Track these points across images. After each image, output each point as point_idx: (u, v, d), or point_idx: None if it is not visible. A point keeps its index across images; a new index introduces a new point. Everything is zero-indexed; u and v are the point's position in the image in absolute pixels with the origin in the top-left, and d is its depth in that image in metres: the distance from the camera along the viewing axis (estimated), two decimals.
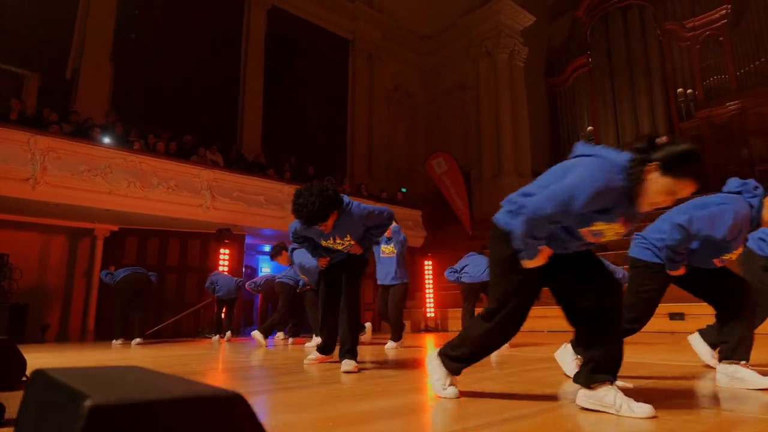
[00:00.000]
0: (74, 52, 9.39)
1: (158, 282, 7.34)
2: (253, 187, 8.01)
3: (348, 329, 2.94)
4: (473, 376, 2.38)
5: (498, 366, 2.91)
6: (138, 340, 5.96)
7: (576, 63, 14.36)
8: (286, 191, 8.37)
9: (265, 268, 11.69)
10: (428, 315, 8.89)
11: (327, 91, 13.25)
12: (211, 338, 6.78)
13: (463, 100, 14.91)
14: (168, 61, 10.09)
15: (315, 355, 3.28)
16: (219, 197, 7.55)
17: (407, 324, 8.72)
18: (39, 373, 0.65)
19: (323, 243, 3.02)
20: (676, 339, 5.51)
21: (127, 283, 5.93)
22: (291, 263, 5.14)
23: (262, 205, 8.00)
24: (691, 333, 2.95)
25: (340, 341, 2.99)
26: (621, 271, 4.10)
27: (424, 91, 15.75)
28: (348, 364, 2.75)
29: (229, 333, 6.47)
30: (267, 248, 11.25)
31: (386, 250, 4.95)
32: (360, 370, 2.78)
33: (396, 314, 4.95)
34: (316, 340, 5.97)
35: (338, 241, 2.94)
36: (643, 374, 2.47)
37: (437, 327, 8.87)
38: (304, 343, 5.50)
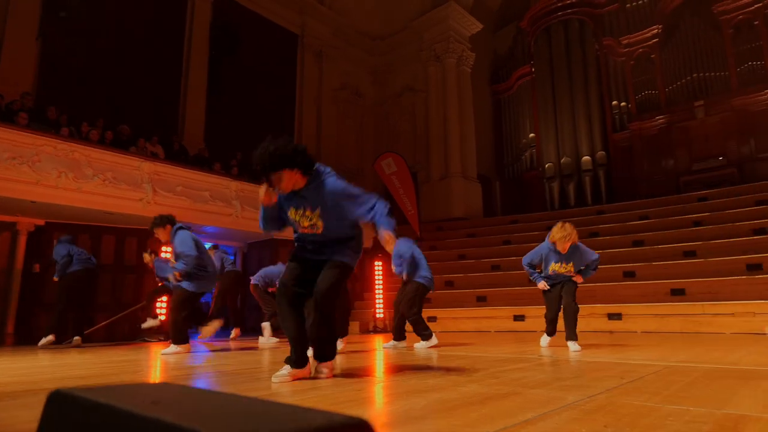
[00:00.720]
0: None
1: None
2: (198, 182, 7.60)
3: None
4: (455, 380, 2.33)
5: (467, 371, 2.88)
6: (78, 339, 5.52)
7: (520, 71, 14.87)
8: (233, 187, 8.03)
9: None
10: (377, 316, 8.83)
11: (274, 85, 12.89)
12: (150, 342, 6.36)
13: (412, 103, 15.03)
14: (102, 44, 9.38)
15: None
16: (161, 191, 7.09)
17: (356, 325, 8.61)
18: (67, 397, 0.50)
19: (289, 214, 2.59)
20: (617, 338, 5.79)
21: (76, 280, 5.48)
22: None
23: (207, 201, 7.61)
24: (629, 332, 3.05)
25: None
26: (594, 255, 4.28)
27: (374, 91, 15.72)
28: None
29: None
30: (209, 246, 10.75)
31: None
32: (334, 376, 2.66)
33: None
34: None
35: (306, 213, 2.52)
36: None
37: (385, 328, 8.83)
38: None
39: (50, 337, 5.52)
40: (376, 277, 8.78)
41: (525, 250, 10.53)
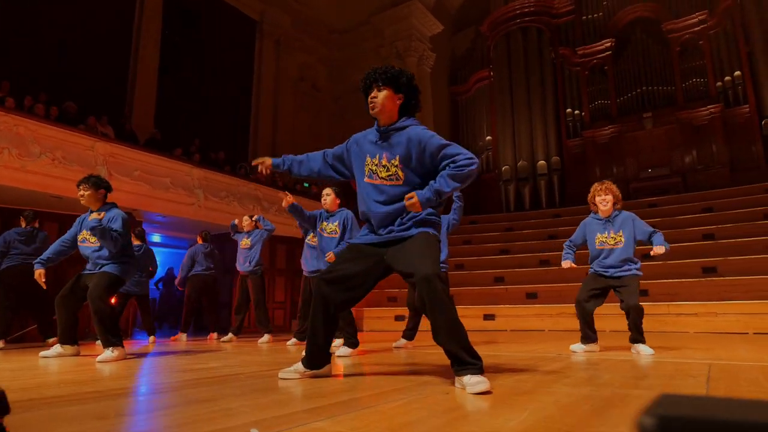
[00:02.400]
0: None
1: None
2: (158, 167, 6.98)
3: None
4: (545, 382, 2.16)
5: (534, 371, 2.73)
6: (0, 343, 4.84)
7: (478, 75, 15.08)
8: (195, 175, 7.47)
9: None
10: None
11: (231, 72, 12.24)
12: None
13: None
14: (44, 12, 8.43)
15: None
16: (117, 175, 6.42)
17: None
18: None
19: (368, 160, 2.19)
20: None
21: (14, 276, 4.79)
22: None
23: (168, 188, 7.01)
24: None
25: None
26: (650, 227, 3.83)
27: (331, 85, 15.39)
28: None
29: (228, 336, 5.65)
30: (157, 238, 9.99)
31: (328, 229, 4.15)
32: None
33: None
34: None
35: (383, 162, 2.15)
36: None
37: None
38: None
39: None
40: None
41: (485, 250, 10.75)
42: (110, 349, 3.34)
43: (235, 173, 8.46)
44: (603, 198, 3.57)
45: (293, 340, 4.86)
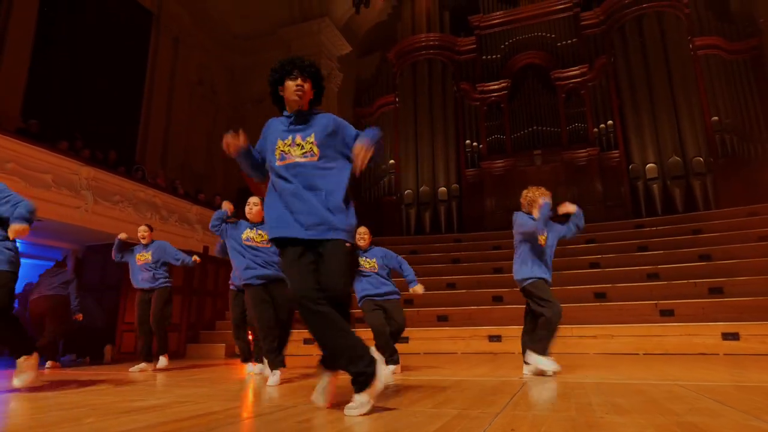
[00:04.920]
0: None
1: None
2: (37, 161, 5.84)
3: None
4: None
5: (545, 402, 2.59)
6: None
7: (383, 99, 15.33)
8: (84, 174, 6.41)
9: None
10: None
11: (121, 65, 10.92)
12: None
13: (274, 111, 14.27)
14: None
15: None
16: None
17: (221, 348, 7.50)
18: None
19: (279, 143, 2.28)
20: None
21: None
22: None
23: (50, 186, 5.88)
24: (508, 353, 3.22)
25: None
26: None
27: (231, 92, 14.59)
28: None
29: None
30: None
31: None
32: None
33: None
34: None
35: (297, 141, 2.26)
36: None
37: None
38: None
39: None
40: None
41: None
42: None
43: (130, 176, 7.41)
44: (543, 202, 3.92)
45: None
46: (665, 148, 11.66)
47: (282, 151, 2.26)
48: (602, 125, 12.82)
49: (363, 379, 1.92)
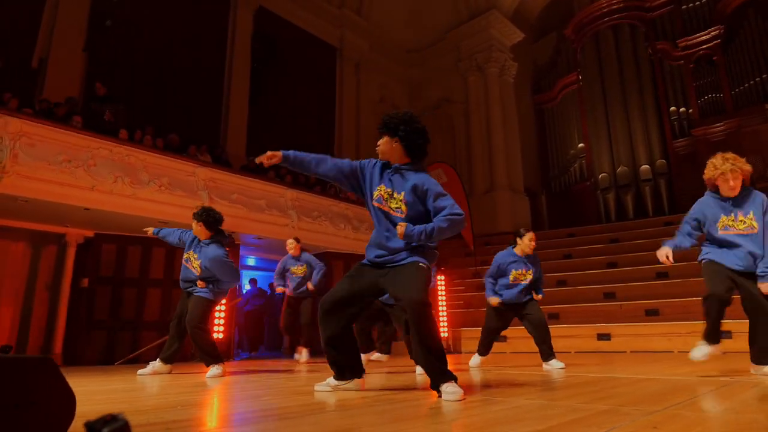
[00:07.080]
0: (41, 40, 8.25)
1: (139, 299, 6.34)
2: (253, 189, 7.11)
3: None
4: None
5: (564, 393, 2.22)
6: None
7: (565, 80, 14.31)
8: (289, 196, 7.53)
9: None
10: (441, 335, 8.13)
11: (315, 98, 12.53)
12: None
13: (450, 115, 14.57)
14: (147, 55, 9.08)
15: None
16: (217, 199, 6.59)
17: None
18: None
19: (374, 197, 2.43)
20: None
21: None
22: None
23: (263, 210, 7.09)
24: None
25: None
26: None
27: (410, 104, 15.32)
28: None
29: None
30: (252, 261, 10.22)
31: None
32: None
33: None
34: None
35: (394, 195, 2.38)
36: None
37: (449, 349, 8.12)
38: None
39: None
40: (439, 293, 8.09)
41: (587, 264, 9.86)
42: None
43: (325, 193, 8.45)
44: (734, 180, 3.04)
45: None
46: None
47: (380, 194, 2.44)
48: None
49: None
